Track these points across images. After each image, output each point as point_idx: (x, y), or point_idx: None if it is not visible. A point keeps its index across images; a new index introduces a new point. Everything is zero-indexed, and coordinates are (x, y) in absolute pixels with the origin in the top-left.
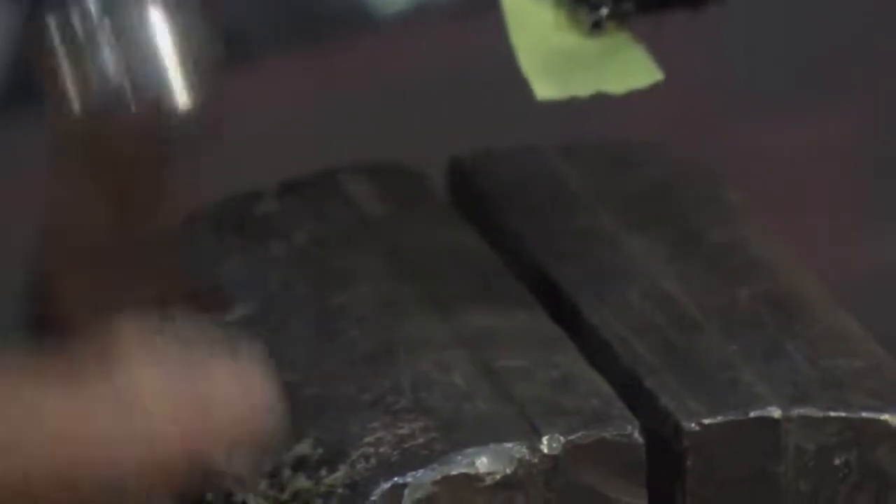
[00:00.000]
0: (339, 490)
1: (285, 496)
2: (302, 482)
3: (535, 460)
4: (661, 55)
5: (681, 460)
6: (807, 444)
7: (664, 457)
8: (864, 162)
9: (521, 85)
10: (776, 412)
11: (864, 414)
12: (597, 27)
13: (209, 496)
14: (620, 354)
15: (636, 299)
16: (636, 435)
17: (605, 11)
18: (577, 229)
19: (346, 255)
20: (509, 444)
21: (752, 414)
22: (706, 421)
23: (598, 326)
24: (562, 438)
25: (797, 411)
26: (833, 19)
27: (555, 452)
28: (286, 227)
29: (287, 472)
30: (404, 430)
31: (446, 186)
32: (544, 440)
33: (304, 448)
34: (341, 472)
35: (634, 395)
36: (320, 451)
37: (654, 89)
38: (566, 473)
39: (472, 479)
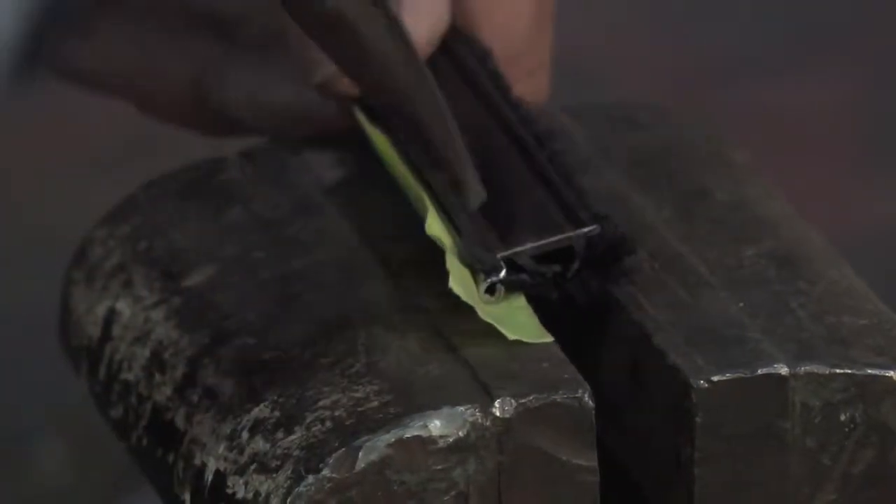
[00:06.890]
0: (296, 452)
1: (244, 459)
2: (259, 444)
3: (488, 423)
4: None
5: (690, 416)
6: (813, 400)
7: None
8: (862, 119)
9: None
10: (783, 369)
11: (868, 371)
12: (489, 292)
13: (170, 457)
14: (629, 312)
15: (644, 258)
16: (586, 398)
17: (496, 279)
18: (585, 189)
19: (303, 220)
20: (462, 408)
21: (759, 371)
22: (715, 378)
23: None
24: (513, 402)
25: (803, 368)
26: None
27: (507, 415)
28: (245, 192)
29: (245, 435)
30: (359, 394)
31: None
32: (496, 403)
33: (261, 411)
34: (297, 435)
35: (643, 352)
36: (277, 413)
37: (654, 52)
38: (518, 436)
39: (425, 442)
